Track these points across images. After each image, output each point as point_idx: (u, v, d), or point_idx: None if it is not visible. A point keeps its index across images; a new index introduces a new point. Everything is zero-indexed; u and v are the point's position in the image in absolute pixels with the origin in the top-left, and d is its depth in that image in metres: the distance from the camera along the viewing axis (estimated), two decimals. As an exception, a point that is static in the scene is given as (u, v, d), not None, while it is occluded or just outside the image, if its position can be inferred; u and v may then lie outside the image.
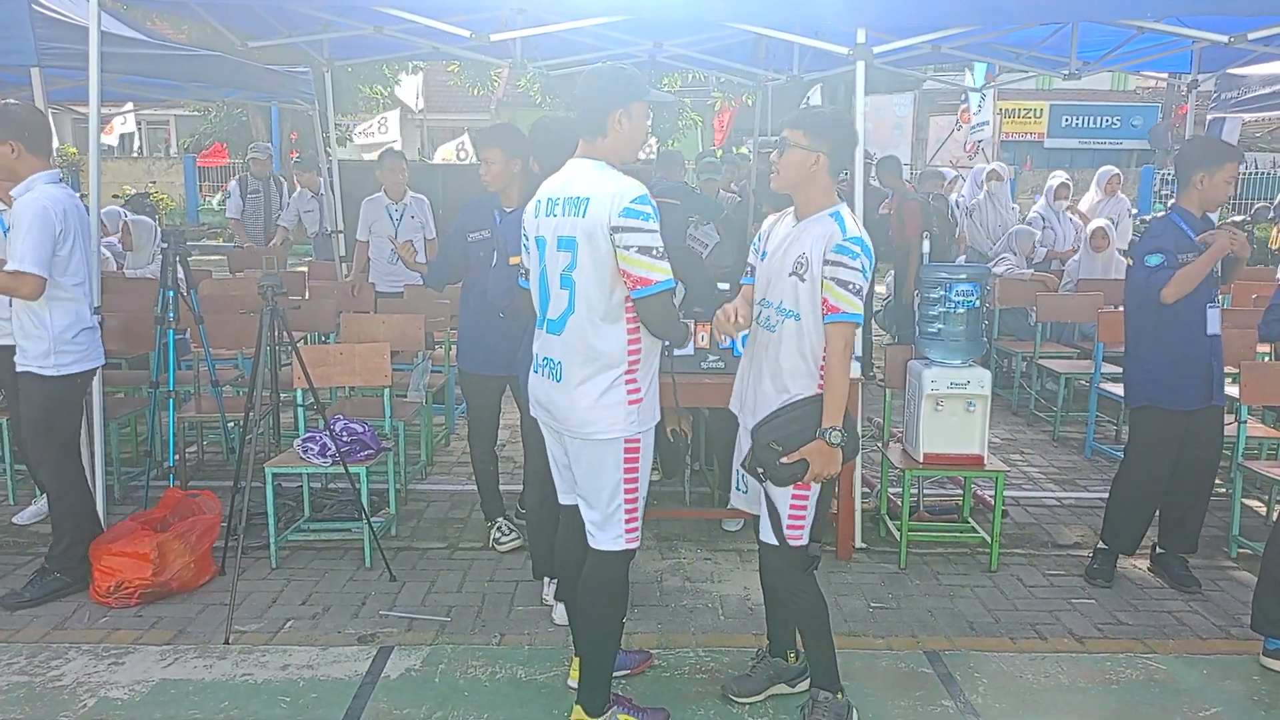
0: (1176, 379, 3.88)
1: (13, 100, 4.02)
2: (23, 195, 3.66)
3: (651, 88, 2.83)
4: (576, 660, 3.16)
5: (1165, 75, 6.91)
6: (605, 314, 2.68)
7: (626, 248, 2.61)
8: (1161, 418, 3.94)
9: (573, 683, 3.16)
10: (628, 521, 2.79)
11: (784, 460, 2.74)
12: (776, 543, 2.87)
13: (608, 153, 2.74)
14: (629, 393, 2.73)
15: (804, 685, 3.14)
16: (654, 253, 2.62)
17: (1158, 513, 4.14)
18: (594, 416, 2.72)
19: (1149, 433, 3.99)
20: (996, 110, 13.58)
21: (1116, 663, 3.44)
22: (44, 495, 4.22)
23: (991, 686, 3.27)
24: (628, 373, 2.73)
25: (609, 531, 2.80)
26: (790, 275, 2.78)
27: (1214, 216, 4.02)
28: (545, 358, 2.83)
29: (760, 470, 2.82)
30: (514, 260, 3.47)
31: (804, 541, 2.88)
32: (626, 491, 2.77)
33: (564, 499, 3.03)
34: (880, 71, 7.17)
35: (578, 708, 2.89)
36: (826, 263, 2.71)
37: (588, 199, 2.65)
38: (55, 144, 4.36)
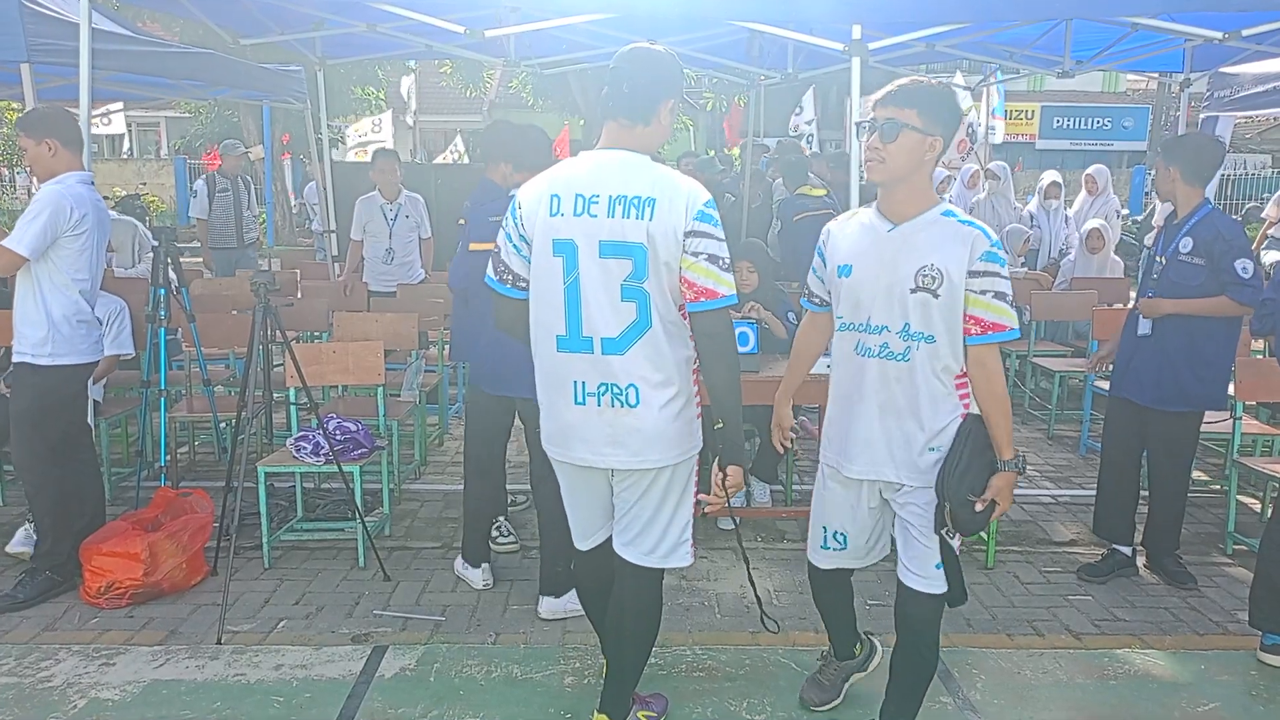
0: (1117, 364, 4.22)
1: (44, 104, 4.07)
2: (50, 186, 3.69)
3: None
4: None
5: (1156, 76, 6.96)
6: (676, 324, 2.47)
7: (696, 254, 2.38)
8: (1108, 401, 4.25)
9: None
10: (690, 539, 2.66)
11: (978, 509, 2.44)
12: (944, 588, 2.57)
13: (646, 144, 2.48)
14: (697, 404, 2.58)
15: (875, 663, 3.14)
16: (721, 263, 2.40)
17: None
18: (678, 437, 2.51)
19: (1106, 415, 4.32)
20: (993, 111, 13.56)
21: (1114, 659, 3.43)
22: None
23: (989, 683, 3.26)
24: (694, 384, 2.56)
25: (679, 552, 2.64)
26: (916, 291, 2.39)
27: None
28: (603, 384, 2.44)
29: (947, 527, 2.48)
30: (476, 246, 3.51)
31: None
32: (694, 505, 2.65)
33: (597, 540, 2.78)
34: (872, 72, 7.17)
35: (603, 716, 2.78)
36: (975, 274, 2.35)
37: (653, 199, 2.37)
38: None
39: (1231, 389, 4.47)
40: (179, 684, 3.19)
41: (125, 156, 27.23)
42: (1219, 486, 5.13)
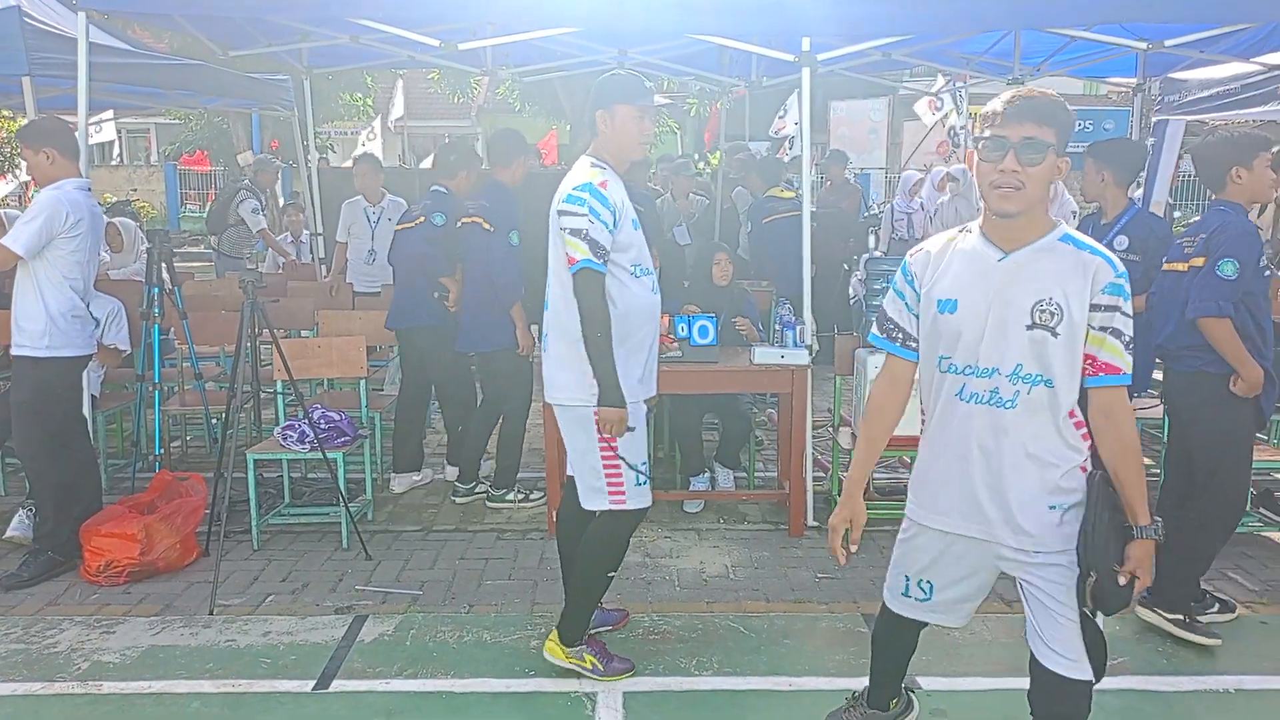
0: None
1: (43, 115, 4.33)
2: (48, 191, 3.94)
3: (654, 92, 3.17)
4: None
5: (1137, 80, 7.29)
6: (572, 287, 2.98)
7: (562, 229, 2.97)
8: None
9: None
10: (612, 489, 3.08)
11: (1121, 582, 2.10)
12: (1086, 676, 2.19)
13: (600, 150, 3.06)
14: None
15: None
16: (581, 235, 2.91)
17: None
18: (563, 382, 3.05)
19: None
20: (969, 114, 14.01)
21: (1039, 622, 3.72)
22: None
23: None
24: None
25: (598, 496, 3.12)
26: (1033, 328, 2.08)
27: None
28: (544, 334, 3.15)
29: (1092, 605, 2.15)
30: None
31: None
32: (605, 459, 3.05)
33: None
34: (838, 79, 7.47)
35: (554, 634, 3.23)
36: (1096, 308, 2.06)
37: (559, 188, 3.03)
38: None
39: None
40: (174, 649, 3.46)
41: (115, 163, 27.37)
42: (1158, 471, 5.41)
